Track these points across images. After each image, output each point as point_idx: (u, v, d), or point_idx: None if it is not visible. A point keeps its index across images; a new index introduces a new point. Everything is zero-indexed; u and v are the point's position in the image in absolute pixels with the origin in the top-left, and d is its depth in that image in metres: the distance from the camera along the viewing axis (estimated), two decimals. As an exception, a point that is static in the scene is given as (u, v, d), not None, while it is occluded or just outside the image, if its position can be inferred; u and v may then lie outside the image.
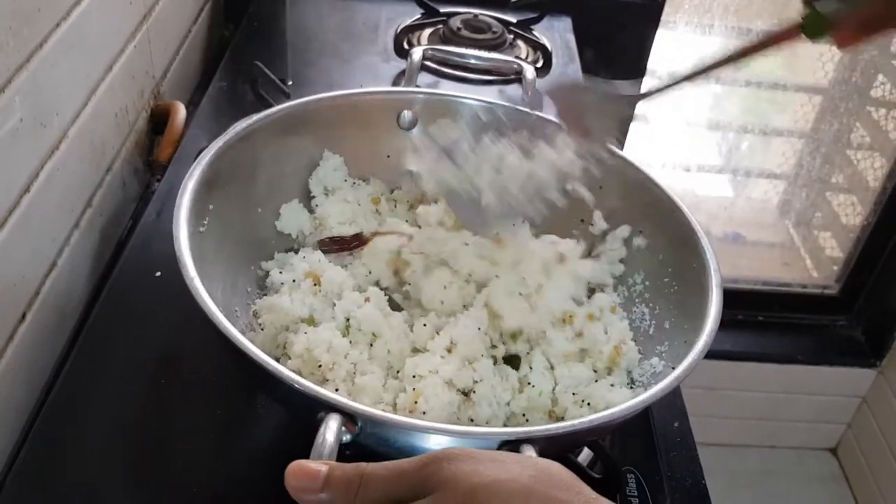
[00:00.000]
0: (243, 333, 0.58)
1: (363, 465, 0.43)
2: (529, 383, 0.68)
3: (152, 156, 1.05)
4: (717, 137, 2.03)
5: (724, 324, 1.95)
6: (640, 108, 1.69)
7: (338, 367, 0.64)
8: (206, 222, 0.69)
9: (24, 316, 0.75)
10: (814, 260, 2.07)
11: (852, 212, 1.96)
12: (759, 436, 2.07)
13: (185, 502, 0.66)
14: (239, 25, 1.33)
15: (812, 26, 0.64)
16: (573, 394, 0.67)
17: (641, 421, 0.81)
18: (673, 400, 0.86)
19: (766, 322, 1.99)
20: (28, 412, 0.76)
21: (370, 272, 0.76)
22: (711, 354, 1.98)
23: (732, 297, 1.94)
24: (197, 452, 0.69)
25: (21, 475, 0.66)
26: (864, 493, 2.00)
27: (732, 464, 2.02)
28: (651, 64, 1.55)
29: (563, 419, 0.66)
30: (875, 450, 1.96)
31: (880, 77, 1.83)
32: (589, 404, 0.66)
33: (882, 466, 1.93)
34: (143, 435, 0.70)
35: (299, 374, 0.62)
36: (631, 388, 0.70)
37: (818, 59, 1.87)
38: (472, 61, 1.19)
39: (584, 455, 0.73)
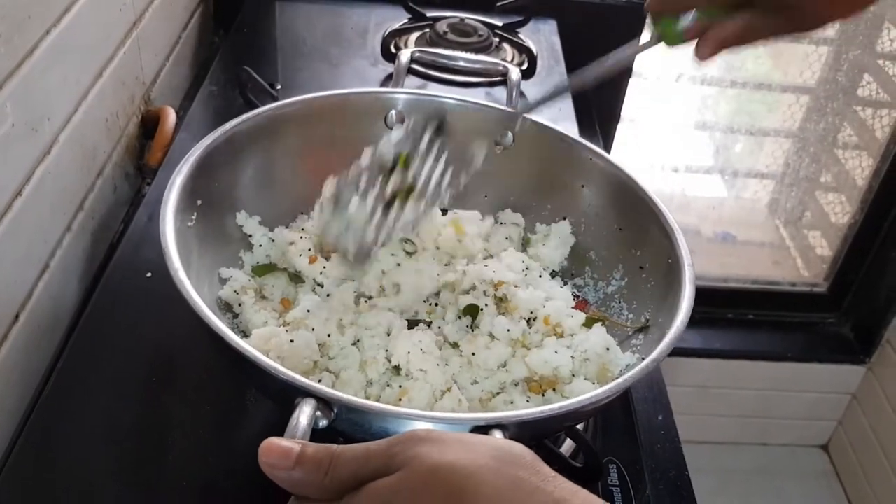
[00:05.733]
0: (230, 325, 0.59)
1: (334, 446, 0.45)
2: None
3: (143, 160, 1.06)
4: (706, 138, 2.05)
5: (715, 322, 1.96)
6: (629, 110, 1.71)
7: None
8: (193, 217, 0.70)
9: (17, 317, 0.76)
10: (803, 258, 2.08)
11: (841, 210, 1.98)
12: (751, 433, 2.08)
13: (177, 496, 0.67)
14: (228, 31, 1.35)
15: (668, 37, 0.68)
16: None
17: (623, 414, 0.83)
18: (657, 395, 0.88)
19: (756, 320, 2.00)
20: (21, 412, 0.77)
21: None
22: (703, 353, 1.99)
23: (723, 296, 1.96)
24: (188, 449, 0.71)
25: (14, 474, 0.67)
26: (856, 489, 2.01)
27: (724, 462, 2.04)
28: (637, 66, 1.56)
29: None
30: (866, 446, 1.97)
31: (866, 77, 1.85)
32: (563, 396, 0.67)
33: (873, 462, 1.95)
34: (134, 433, 0.72)
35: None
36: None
37: (805, 60, 1.89)
38: (461, 63, 1.20)
39: (567, 446, 0.74)
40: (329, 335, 0.68)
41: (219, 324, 0.56)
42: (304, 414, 0.50)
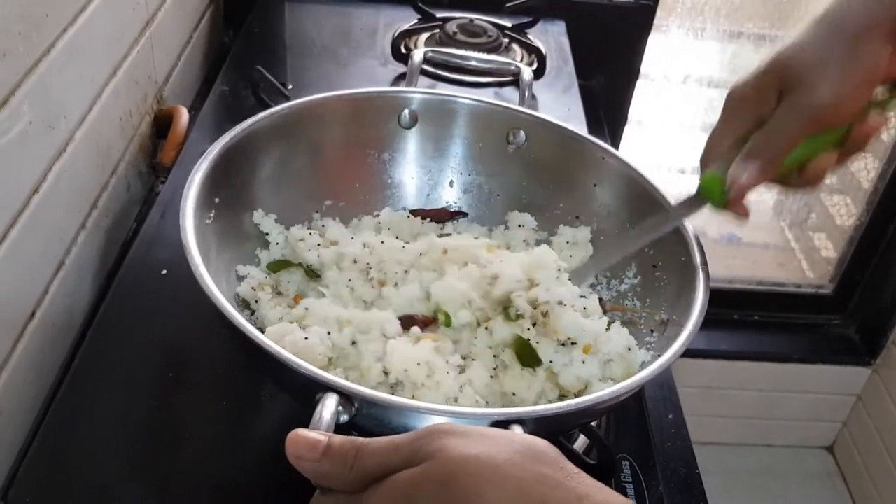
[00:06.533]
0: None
1: (359, 438, 0.46)
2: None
3: (156, 159, 1.07)
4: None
5: (721, 323, 1.95)
6: (636, 112, 1.71)
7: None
8: (211, 215, 0.71)
9: (33, 314, 0.77)
10: (808, 260, 2.09)
11: (846, 212, 1.98)
12: (756, 434, 2.09)
13: (192, 494, 0.68)
14: (239, 31, 1.35)
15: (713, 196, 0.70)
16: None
17: (636, 411, 0.83)
18: (667, 393, 0.88)
19: (761, 322, 2.00)
20: (37, 409, 0.78)
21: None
22: (708, 354, 1.99)
23: (728, 298, 1.96)
24: (204, 445, 0.71)
25: (32, 470, 0.68)
26: (861, 491, 2.01)
27: (729, 463, 2.04)
28: (644, 67, 1.57)
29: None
30: (871, 447, 1.98)
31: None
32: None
33: (878, 463, 1.95)
34: (150, 429, 0.72)
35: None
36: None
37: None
38: (474, 63, 1.21)
39: (581, 442, 0.75)
40: (329, 332, 0.68)
41: (241, 319, 0.56)
42: (327, 409, 0.50)
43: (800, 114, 0.64)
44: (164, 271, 0.85)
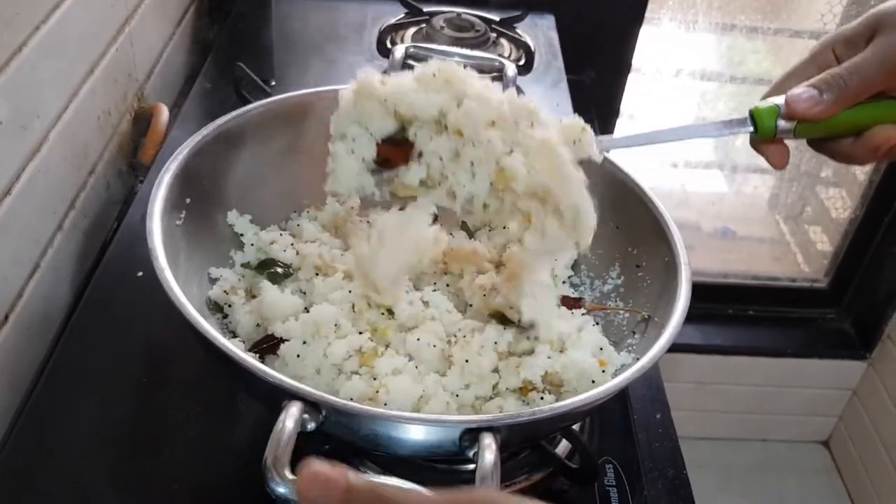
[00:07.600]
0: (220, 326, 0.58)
1: (379, 485, 0.39)
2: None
3: (136, 158, 1.05)
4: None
5: (715, 318, 1.94)
6: (628, 106, 1.69)
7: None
8: (182, 216, 0.70)
9: (6, 318, 0.75)
10: (804, 254, 2.08)
11: (841, 205, 1.97)
12: (751, 429, 2.08)
13: (168, 498, 0.67)
14: (223, 27, 1.34)
15: (763, 126, 0.64)
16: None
17: (620, 413, 0.82)
18: (655, 393, 0.87)
19: (756, 316, 2.00)
20: (12, 413, 0.77)
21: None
22: (702, 349, 1.97)
23: (723, 292, 1.95)
24: (179, 450, 0.70)
25: (5, 475, 0.67)
26: (857, 485, 2.01)
27: (725, 458, 2.03)
28: (636, 60, 1.55)
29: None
30: (866, 441, 1.97)
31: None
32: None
33: (873, 458, 1.94)
34: (125, 433, 0.71)
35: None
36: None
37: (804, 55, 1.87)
38: (457, 59, 1.19)
39: (563, 446, 0.73)
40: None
41: (204, 324, 0.55)
42: (291, 417, 0.49)
43: (882, 57, 0.60)
44: (140, 273, 0.83)
